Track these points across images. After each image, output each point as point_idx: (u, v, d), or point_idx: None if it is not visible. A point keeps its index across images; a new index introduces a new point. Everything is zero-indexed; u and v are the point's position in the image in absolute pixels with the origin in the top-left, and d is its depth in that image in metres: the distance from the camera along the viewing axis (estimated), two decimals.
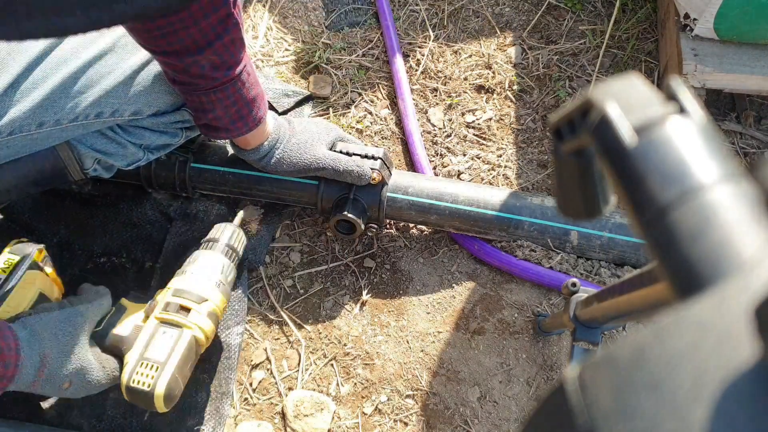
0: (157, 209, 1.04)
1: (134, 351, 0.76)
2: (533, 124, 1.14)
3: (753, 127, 1.12)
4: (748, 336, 0.19)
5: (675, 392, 0.18)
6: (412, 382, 0.92)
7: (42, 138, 0.78)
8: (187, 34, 0.69)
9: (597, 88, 0.30)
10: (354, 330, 0.96)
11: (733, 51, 1.05)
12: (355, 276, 1.00)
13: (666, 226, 0.25)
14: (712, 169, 0.26)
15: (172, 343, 0.76)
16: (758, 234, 0.24)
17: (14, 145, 0.77)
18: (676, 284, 0.25)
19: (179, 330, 0.77)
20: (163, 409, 0.74)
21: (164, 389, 0.73)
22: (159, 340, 0.76)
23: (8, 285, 0.76)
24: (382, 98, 1.17)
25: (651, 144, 0.27)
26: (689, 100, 0.28)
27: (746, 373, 0.18)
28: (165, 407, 0.74)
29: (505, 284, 0.99)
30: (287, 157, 0.90)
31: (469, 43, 1.23)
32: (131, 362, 0.75)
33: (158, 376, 0.73)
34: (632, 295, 0.55)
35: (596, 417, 0.19)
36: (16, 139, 0.76)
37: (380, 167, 0.93)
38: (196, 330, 0.78)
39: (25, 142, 0.78)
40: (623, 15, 1.24)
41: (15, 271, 0.78)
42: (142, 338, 0.77)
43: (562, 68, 1.19)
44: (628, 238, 0.94)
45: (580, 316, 0.75)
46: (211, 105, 0.79)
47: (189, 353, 0.76)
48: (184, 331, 0.77)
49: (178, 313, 0.78)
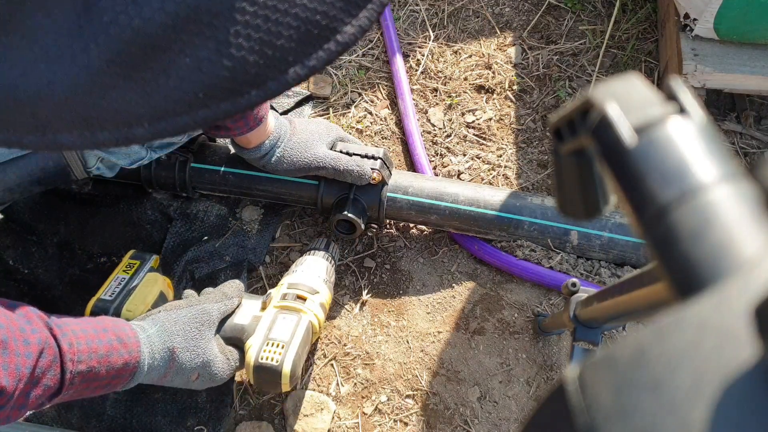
0: (157, 209, 1.04)
1: (257, 335, 0.80)
2: (533, 124, 1.14)
3: (753, 127, 1.12)
4: (748, 336, 0.19)
5: (675, 392, 0.18)
6: (412, 382, 0.92)
7: None
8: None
9: (597, 88, 0.30)
10: (354, 330, 0.96)
11: (733, 51, 1.05)
12: (355, 276, 1.00)
13: (666, 226, 0.25)
14: (712, 169, 0.26)
15: (293, 325, 0.81)
16: (758, 234, 0.24)
17: None
18: (676, 284, 0.25)
19: (298, 315, 0.82)
20: (287, 387, 0.78)
21: (290, 366, 0.77)
22: (280, 324, 0.81)
23: (133, 283, 0.83)
24: (382, 98, 1.17)
25: (651, 144, 0.27)
26: (689, 100, 0.28)
27: (746, 373, 0.18)
28: (289, 385, 0.78)
29: (505, 284, 0.99)
30: (288, 156, 0.90)
31: (469, 43, 1.23)
32: (256, 344, 0.79)
33: (285, 353, 0.77)
34: (632, 295, 0.55)
35: (596, 417, 0.19)
36: None
37: (380, 167, 0.93)
38: (312, 316, 0.83)
39: None
40: (623, 15, 1.24)
41: (138, 272, 0.85)
42: (263, 324, 0.81)
43: (562, 68, 1.19)
44: (628, 238, 0.94)
45: (580, 316, 0.75)
46: None
47: (307, 336, 0.82)
48: (302, 316, 0.82)
49: (296, 301, 0.84)
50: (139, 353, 0.70)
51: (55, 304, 0.96)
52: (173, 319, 0.75)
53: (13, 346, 0.57)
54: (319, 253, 0.92)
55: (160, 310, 0.77)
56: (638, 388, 0.19)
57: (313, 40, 0.30)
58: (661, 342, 0.20)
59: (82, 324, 0.66)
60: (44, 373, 0.60)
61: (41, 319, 0.62)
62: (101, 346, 0.66)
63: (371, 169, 0.92)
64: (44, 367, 0.60)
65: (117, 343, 0.68)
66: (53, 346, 0.61)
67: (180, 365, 0.75)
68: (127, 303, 0.81)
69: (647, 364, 0.19)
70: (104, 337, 0.67)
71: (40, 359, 0.59)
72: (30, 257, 0.99)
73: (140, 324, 0.74)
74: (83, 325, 0.66)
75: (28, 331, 0.59)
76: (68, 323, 0.65)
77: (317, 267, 0.90)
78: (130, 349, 0.69)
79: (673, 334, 0.20)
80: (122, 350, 0.68)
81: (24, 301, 0.95)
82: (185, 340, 0.75)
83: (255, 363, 0.77)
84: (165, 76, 0.28)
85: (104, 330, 0.68)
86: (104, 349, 0.66)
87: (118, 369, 0.67)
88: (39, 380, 0.59)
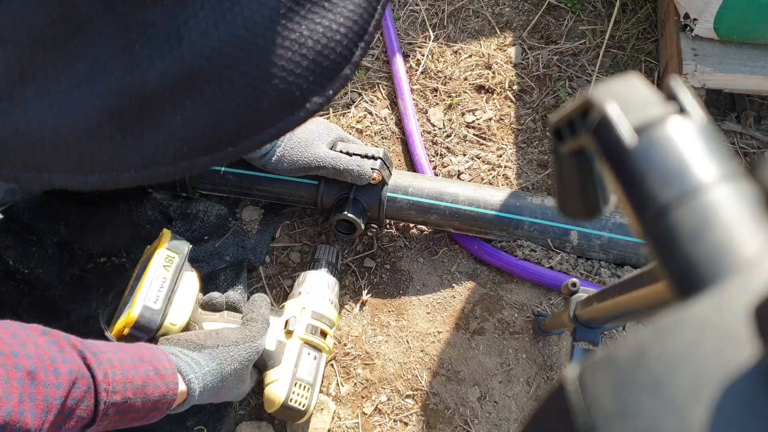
0: (157, 209, 1.04)
1: (285, 369, 0.82)
2: (533, 124, 1.14)
3: (753, 127, 1.12)
4: (748, 336, 0.19)
5: (675, 392, 0.18)
6: (412, 382, 0.92)
7: None
8: None
9: (597, 88, 0.30)
10: (354, 330, 0.96)
11: (733, 51, 1.05)
12: (355, 276, 1.00)
13: (666, 226, 0.25)
14: (712, 169, 0.26)
15: (317, 365, 0.84)
16: (758, 234, 0.24)
17: None
18: (675, 284, 0.25)
19: (320, 353, 0.86)
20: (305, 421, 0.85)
21: (313, 406, 0.83)
22: (305, 361, 0.83)
23: (174, 284, 0.79)
24: (382, 98, 1.17)
25: (651, 144, 0.27)
26: (689, 100, 0.28)
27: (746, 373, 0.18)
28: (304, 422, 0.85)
29: (505, 284, 0.99)
30: (288, 155, 0.90)
31: (469, 43, 1.23)
32: (285, 380, 0.81)
33: (311, 396, 0.82)
34: (632, 295, 0.55)
35: (596, 417, 0.19)
36: None
37: (380, 167, 0.93)
38: (328, 351, 0.87)
39: None
40: (623, 15, 1.24)
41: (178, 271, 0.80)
42: (289, 357, 0.83)
43: (562, 68, 1.19)
44: (628, 238, 0.94)
45: (580, 316, 0.75)
46: None
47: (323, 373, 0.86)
48: (323, 355, 0.86)
49: (319, 337, 0.86)
50: (176, 385, 0.69)
51: (55, 304, 0.96)
52: (231, 358, 0.76)
53: (42, 376, 0.55)
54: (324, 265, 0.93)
55: (218, 343, 0.75)
56: (638, 388, 0.19)
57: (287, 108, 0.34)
58: (661, 342, 0.20)
59: (118, 353, 0.64)
60: (77, 404, 0.58)
61: (74, 348, 0.60)
62: (137, 376, 0.64)
63: (371, 169, 0.92)
64: (77, 398, 0.58)
65: (154, 375, 0.66)
66: (87, 376, 0.59)
67: (222, 396, 0.78)
68: (170, 315, 0.78)
69: (647, 364, 0.19)
70: (141, 368, 0.65)
71: (72, 390, 0.57)
72: (30, 257, 0.99)
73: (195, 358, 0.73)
74: (119, 354, 0.64)
75: (59, 360, 0.57)
76: (104, 351, 0.63)
77: (328, 288, 0.91)
78: (167, 380, 0.67)
79: (673, 334, 0.20)
80: (159, 382, 0.66)
81: (24, 301, 0.96)
82: (235, 377, 0.77)
83: (285, 403, 0.80)
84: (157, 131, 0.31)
85: (141, 360, 0.66)
86: (140, 380, 0.64)
87: (155, 401, 0.66)
88: (72, 412, 0.58)
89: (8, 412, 0.52)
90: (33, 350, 0.56)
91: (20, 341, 0.56)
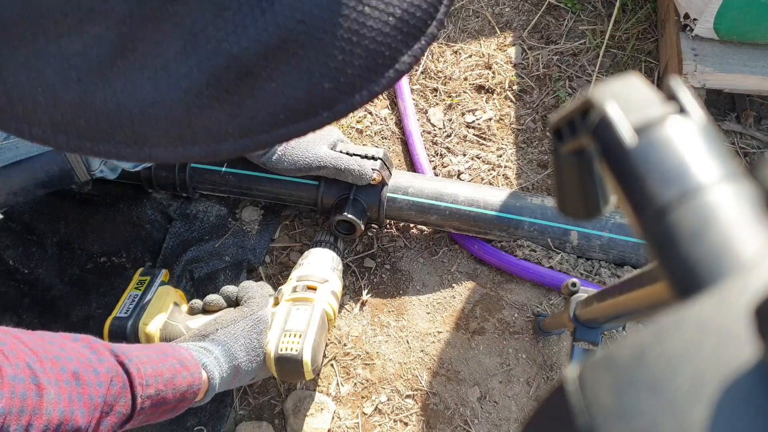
0: (157, 209, 1.04)
1: (274, 328, 0.82)
2: (533, 124, 1.14)
3: (753, 127, 1.12)
4: (748, 336, 0.19)
5: (675, 392, 0.18)
6: (412, 382, 0.92)
7: None
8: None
9: (597, 88, 0.30)
10: (354, 330, 0.96)
11: (733, 51, 1.05)
12: (355, 276, 1.00)
13: (666, 226, 0.25)
14: (712, 169, 0.26)
15: (308, 315, 0.83)
16: (758, 234, 0.24)
17: (24, 145, 0.79)
18: (675, 284, 0.25)
19: (311, 304, 0.84)
20: (311, 375, 0.80)
21: (311, 353, 0.79)
22: (295, 315, 0.83)
23: (146, 298, 0.86)
24: (382, 98, 1.17)
25: (651, 144, 0.27)
26: (689, 100, 0.28)
27: (746, 373, 0.18)
28: (312, 372, 0.80)
29: (505, 284, 0.99)
30: (289, 154, 0.90)
31: (469, 43, 1.23)
32: (274, 336, 0.81)
33: (303, 341, 0.80)
34: (632, 295, 0.55)
35: (596, 417, 0.19)
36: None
37: (380, 167, 0.93)
38: (325, 304, 0.85)
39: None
40: (623, 15, 1.24)
41: (149, 287, 0.88)
42: (278, 318, 0.83)
43: (562, 68, 1.19)
44: (628, 238, 0.94)
45: (580, 316, 0.75)
46: None
47: (323, 323, 0.84)
48: (315, 305, 0.84)
49: (307, 291, 0.86)
50: (200, 375, 0.72)
51: (55, 304, 0.96)
52: (233, 336, 0.78)
53: (85, 377, 0.58)
54: (325, 244, 0.95)
55: (217, 327, 0.78)
56: (638, 388, 0.19)
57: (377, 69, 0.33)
58: (661, 342, 0.20)
59: (143, 350, 0.68)
60: (116, 401, 0.61)
61: (106, 348, 0.63)
62: (166, 369, 0.67)
63: (371, 169, 0.92)
64: (116, 395, 0.61)
65: (179, 367, 0.69)
66: (121, 373, 0.62)
67: (243, 376, 0.79)
68: (143, 317, 0.84)
69: (647, 365, 0.19)
70: (167, 362, 0.68)
71: (110, 387, 0.60)
72: (30, 257, 0.99)
73: (203, 346, 0.76)
74: (145, 351, 0.68)
75: (96, 361, 0.60)
76: (131, 349, 0.66)
77: (324, 257, 0.92)
78: (192, 371, 0.71)
79: (673, 334, 0.20)
80: (185, 373, 0.70)
81: (24, 301, 0.95)
82: (247, 353, 0.79)
83: (276, 355, 0.79)
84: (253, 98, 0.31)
85: (165, 354, 0.70)
86: (169, 373, 0.67)
87: (183, 392, 0.69)
88: (112, 408, 0.60)
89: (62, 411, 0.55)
90: (72, 353, 0.59)
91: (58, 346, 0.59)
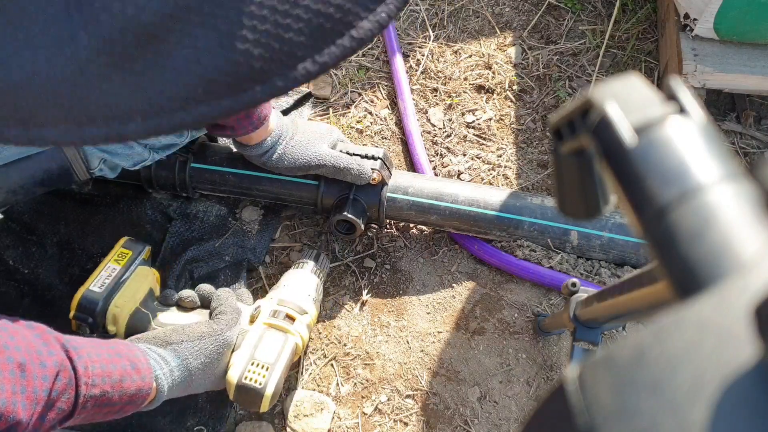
0: (156, 209, 1.04)
1: (243, 352, 0.79)
2: (533, 124, 1.14)
3: (753, 127, 1.12)
4: (748, 336, 0.19)
5: (675, 392, 0.18)
6: (412, 382, 0.92)
7: None
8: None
9: (597, 88, 0.30)
10: (354, 330, 0.96)
11: (733, 51, 1.05)
12: (355, 276, 1.00)
13: (666, 226, 0.25)
14: (711, 169, 0.26)
15: (280, 346, 0.80)
16: (758, 234, 0.24)
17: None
18: (675, 284, 0.25)
19: (285, 336, 0.82)
20: (266, 408, 0.78)
21: (273, 389, 0.77)
22: (267, 343, 0.80)
23: (124, 275, 0.82)
24: (382, 98, 1.17)
25: (651, 144, 0.27)
26: (689, 100, 0.28)
27: (746, 373, 0.18)
28: (269, 406, 0.78)
29: (505, 284, 0.99)
30: (289, 153, 0.90)
31: (469, 43, 1.23)
32: (241, 362, 0.78)
33: (269, 376, 0.77)
34: (632, 295, 0.55)
35: (596, 417, 0.19)
36: None
37: (380, 167, 0.93)
38: (298, 338, 0.83)
39: None
40: (623, 15, 1.24)
41: (130, 264, 0.83)
42: (250, 341, 0.80)
43: (562, 68, 1.19)
44: (628, 238, 0.94)
45: (580, 316, 0.75)
46: None
47: (291, 357, 0.81)
48: (288, 337, 0.82)
49: (285, 320, 0.83)
50: (151, 380, 0.70)
51: (55, 304, 0.96)
52: (196, 352, 0.75)
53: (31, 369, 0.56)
54: (309, 266, 0.91)
55: (183, 339, 0.75)
56: (638, 388, 0.19)
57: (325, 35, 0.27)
58: (661, 342, 0.20)
59: (96, 347, 0.66)
60: (59, 396, 0.59)
61: (57, 341, 0.61)
62: (115, 370, 0.65)
63: (371, 169, 0.92)
64: (60, 390, 0.59)
65: (131, 369, 0.67)
66: (69, 369, 0.60)
67: (194, 389, 0.77)
68: (115, 298, 0.80)
69: (647, 365, 0.19)
70: (118, 362, 0.66)
71: (56, 382, 0.58)
72: (30, 257, 0.99)
73: (161, 354, 0.74)
74: (98, 349, 0.65)
75: (45, 353, 0.58)
76: (83, 345, 0.64)
77: (307, 284, 0.89)
78: (143, 375, 0.69)
79: (673, 334, 0.20)
80: (135, 376, 0.67)
81: (24, 301, 0.95)
82: (204, 370, 0.76)
83: (239, 383, 0.77)
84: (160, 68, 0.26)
85: (118, 355, 0.67)
86: (118, 374, 0.65)
87: (131, 395, 0.67)
88: (54, 403, 0.58)
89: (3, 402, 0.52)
90: (22, 343, 0.57)
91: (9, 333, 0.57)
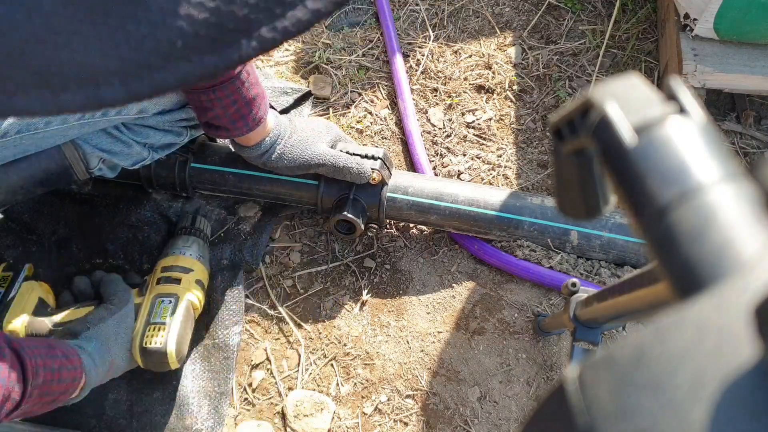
0: (156, 210, 1.04)
1: (139, 322, 0.85)
2: (533, 124, 1.14)
3: (753, 127, 1.12)
4: (748, 336, 0.19)
5: (675, 392, 0.18)
6: (412, 382, 0.92)
7: (49, 136, 0.79)
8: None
9: (597, 88, 0.30)
10: (354, 330, 0.96)
11: (733, 51, 1.05)
12: (355, 276, 1.00)
13: (666, 226, 0.25)
14: (711, 169, 0.26)
15: (172, 307, 0.86)
16: (758, 234, 0.24)
17: (22, 144, 0.79)
18: (676, 284, 0.25)
19: (175, 296, 0.87)
20: (176, 364, 0.83)
21: (174, 345, 0.82)
22: (159, 308, 0.86)
23: (9, 295, 0.86)
24: (382, 98, 1.17)
25: (651, 144, 0.27)
26: (689, 99, 0.28)
27: (746, 373, 0.18)
28: (177, 363, 0.83)
29: (505, 284, 0.99)
30: (288, 153, 0.90)
31: (469, 43, 1.23)
32: (139, 331, 0.84)
33: (167, 334, 0.83)
34: (632, 295, 0.55)
35: (596, 417, 0.19)
36: (24, 137, 0.77)
37: (380, 167, 0.93)
38: (190, 294, 0.88)
39: (33, 140, 0.79)
40: (623, 15, 1.24)
41: (13, 284, 0.87)
42: (143, 312, 0.86)
43: (562, 68, 1.19)
44: (628, 238, 0.94)
45: (580, 316, 0.75)
46: (211, 104, 0.80)
47: (187, 314, 0.87)
48: (178, 296, 0.87)
49: (171, 284, 0.88)
50: (82, 369, 0.75)
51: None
52: (105, 334, 0.81)
53: None
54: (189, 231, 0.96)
55: (87, 326, 0.81)
56: (638, 388, 0.19)
57: None
58: (661, 342, 0.20)
59: (32, 342, 0.70)
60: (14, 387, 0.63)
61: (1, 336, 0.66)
62: (53, 361, 0.70)
63: (371, 168, 0.92)
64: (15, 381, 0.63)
65: (65, 360, 0.72)
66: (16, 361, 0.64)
67: (116, 369, 0.82)
68: (6, 315, 0.84)
69: (647, 364, 0.19)
70: (53, 353, 0.71)
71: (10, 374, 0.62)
72: (29, 257, 0.99)
73: (77, 344, 0.78)
74: (34, 342, 0.70)
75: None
76: (21, 340, 0.68)
77: (188, 245, 0.94)
78: (75, 365, 0.74)
79: (673, 334, 0.20)
80: (69, 366, 0.73)
81: None
82: (119, 348, 0.82)
83: (141, 347, 0.82)
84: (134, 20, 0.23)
85: (50, 347, 0.72)
86: (56, 365, 0.70)
87: (67, 384, 0.72)
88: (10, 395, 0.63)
89: None
90: None
91: None
